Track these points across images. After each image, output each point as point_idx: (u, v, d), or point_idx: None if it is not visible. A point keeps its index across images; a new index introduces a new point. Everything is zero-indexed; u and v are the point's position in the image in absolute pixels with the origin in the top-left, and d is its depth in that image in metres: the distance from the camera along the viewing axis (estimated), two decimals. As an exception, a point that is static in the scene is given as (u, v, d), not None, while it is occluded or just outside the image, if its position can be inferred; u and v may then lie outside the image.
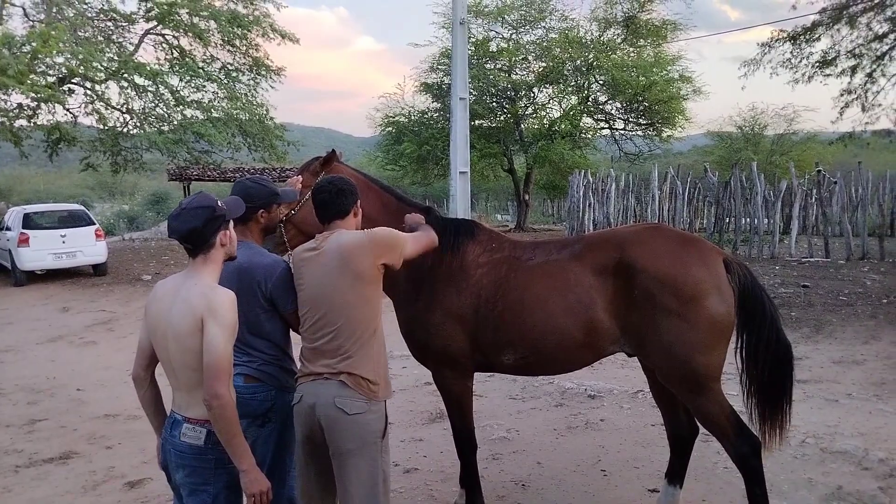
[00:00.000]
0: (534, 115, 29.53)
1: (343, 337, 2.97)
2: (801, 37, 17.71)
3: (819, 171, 16.40)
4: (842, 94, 18.46)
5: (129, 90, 20.32)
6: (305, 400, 3.00)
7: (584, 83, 27.94)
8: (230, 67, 22.68)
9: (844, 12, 16.56)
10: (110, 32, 21.13)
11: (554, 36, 27.83)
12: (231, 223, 2.83)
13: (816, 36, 17.58)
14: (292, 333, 3.33)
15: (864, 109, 18.10)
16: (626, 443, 5.59)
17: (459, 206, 14.57)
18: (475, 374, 4.08)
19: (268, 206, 3.32)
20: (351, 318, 2.98)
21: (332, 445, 2.96)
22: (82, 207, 19.39)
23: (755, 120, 37.46)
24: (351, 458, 2.95)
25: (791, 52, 18.20)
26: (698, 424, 4.05)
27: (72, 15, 18.89)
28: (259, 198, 3.27)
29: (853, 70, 17.79)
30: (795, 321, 9.43)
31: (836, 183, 16.08)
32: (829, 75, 18.27)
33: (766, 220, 16.28)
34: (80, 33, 18.83)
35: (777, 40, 18.23)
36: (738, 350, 3.78)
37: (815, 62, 18.13)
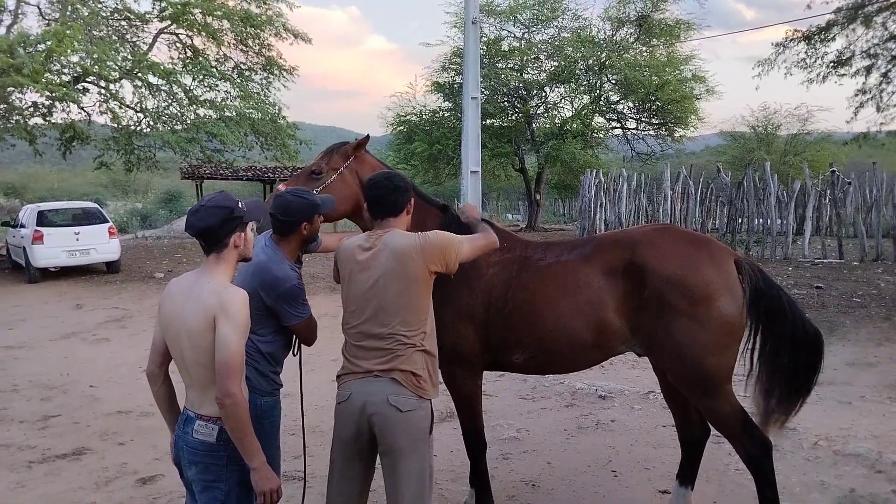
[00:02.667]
0: (545, 115, 29.51)
1: (391, 339, 2.98)
2: (816, 36, 17.60)
3: (833, 172, 16.29)
4: (856, 95, 18.34)
5: (142, 89, 20.43)
6: (354, 398, 2.99)
7: (596, 82, 27.87)
8: (243, 67, 22.78)
9: (860, 12, 16.44)
10: (124, 32, 21.25)
11: (566, 35, 27.79)
12: (250, 225, 2.83)
13: (831, 36, 17.46)
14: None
15: (879, 110, 17.97)
16: (637, 444, 5.58)
17: (471, 206, 14.52)
18: (486, 373, 4.08)
19: (311, 219, 3.25)
20: (400, 321, 2.98)
21: (384, 444, 2.97)
22: (96, 205, 19.51)
23: (768, 120, 37.31)
24: (403, 456, 2.96)
25: (805, 52, 18.10)
26: (709, 426, 4.03)
27: (86, 14, 19.00)
28: (301, 212, 3.19)
29: (868, 70, 17.66)
30: (808, 323, 9.37)
31: (850, 183, 15.98)
32: (843, 75, 18.14)
33: (779, 221, 16.19)
34: (94, 32, 18.94)
35: (791, 40, 18.13)
36: (752, 350, 3.74)
37: (830, 62, 18.01)
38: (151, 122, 21.01)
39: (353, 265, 3.10)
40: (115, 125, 20.13)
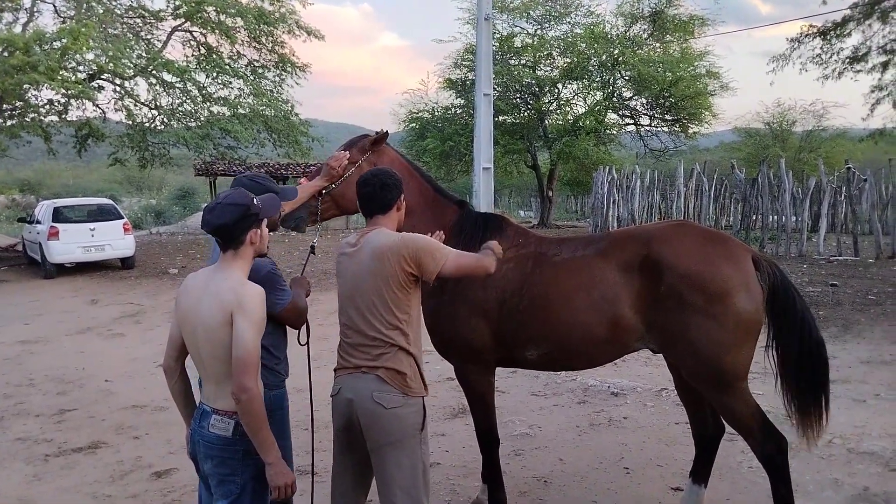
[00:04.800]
0: (558, 111, 29.38)
1: (372, 338, 2.99)
2: (832, 32, 17.49)
3: (849, 168, 16.15)
4: (872, 91, 18.23)
5: (157, 86, 20.58)
6: (343, 393, 3.03)
7: (609, 79, 27.75)
8: (256, 64, 22.87)
9: (876, 7, 16.31)
10: (139, 29, 21.39)
11: (579, 31, 27.66)
12: (265, 222, 2.86)
13: (847, 31, 17.35)
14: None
15: (895, 106, 17.83)
16: (650, 441, 5.57)
17: (482, 203, 14.54)
18: (498, 369, 4.08)
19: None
20: (379, 321, 2.98)
21: (371, 440, 2.98)
22: (111, 201, 19.67)
23: (783, 116, 37.03)
24: (390, 451, 2.96)
25: (821, 48, 17.99)
26: (724, 423, 4.02)
27: (101, 12, 19.16)
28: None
29: (885, 66, 17.54)
30: (823, 320, 9.31)
31: (865, 180, 15.83)
32: (859, 71, 18.03)
33: (794, 218, 16.06)
34: (109, 30, 19.09)
35: (807, 35, 18.02)
36: (768, 349, 3.74)
37: (846, 58, 17.90)
38: (166, 120, 21.16)
39: (341, 263, 3.15)
40: (130, 122, 20.29)
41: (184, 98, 21.19)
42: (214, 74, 21.20)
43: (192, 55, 22.03)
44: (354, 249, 3.08)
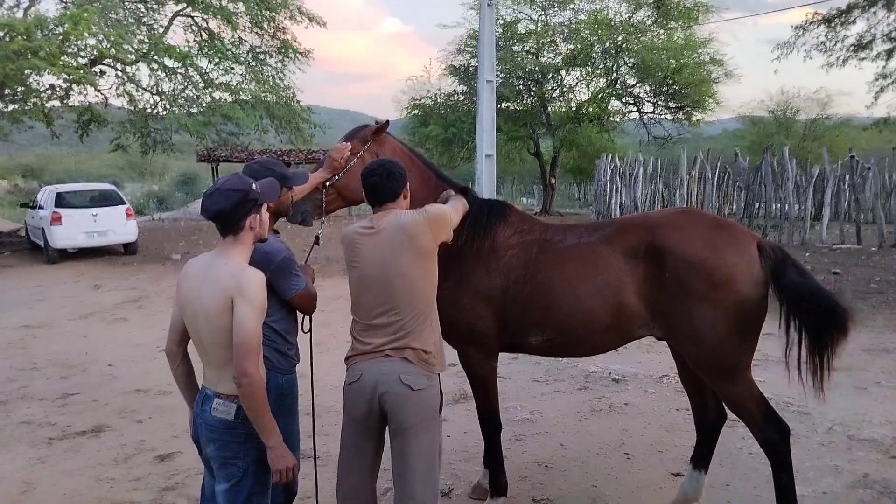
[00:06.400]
0: (561, 98, 29.28)
1: (404, 313, 3.02)
2: (837, 19, 17.39)
3: (852, 157, 16.08)
4: (877, 79, 18.15)
5: (158, 72, 20.50)
6: (366, 378, 3.03)
7: (612, 66, 27.63)
8: (258, 50, 22.79)
9: (882, -6, 16.20)
10: (141, 14, 21.31)
11: (583, 17, 27.54)
12: (264, 207, 2.86)
13: (852, 19, 17.25)
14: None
15: (900, 94, 17.74)
16: (650, 427, 5.59)
17: (485, 190, 14.50)
18: (500, 355, 4.09)
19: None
20: (413, 295, 3.02)
21: (395, 422, 3.01)
22: (113, 187, 19.66)
23: (787, 104, 36.89)
24: (414, 433, 3.00)
25: (826, 35, 17.90)
26: (726, 410, 4.01)
27: (103, -4, 19.06)
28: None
29: (889, 54, 17.45)
30: (825, 308, 9.31)
31: (869, 169, 15.78)
32: (864, 59, 17.94)
33: (797, 206, 16.03)
34: (111, 15, 19.00)
35: (812, 23, 17.92)
36: (788, 328, 3.55)
37: (851, 45, 17.80)
38: (167, 105, 21.12)
39: (358, 248, 3.13)
40: (132, 108, 20.25)
41: (186, 84, 21.14)
42: (216, 60, 21.13)
43: (194, 41, 21.96)
44: (374, 231, 3.09)
